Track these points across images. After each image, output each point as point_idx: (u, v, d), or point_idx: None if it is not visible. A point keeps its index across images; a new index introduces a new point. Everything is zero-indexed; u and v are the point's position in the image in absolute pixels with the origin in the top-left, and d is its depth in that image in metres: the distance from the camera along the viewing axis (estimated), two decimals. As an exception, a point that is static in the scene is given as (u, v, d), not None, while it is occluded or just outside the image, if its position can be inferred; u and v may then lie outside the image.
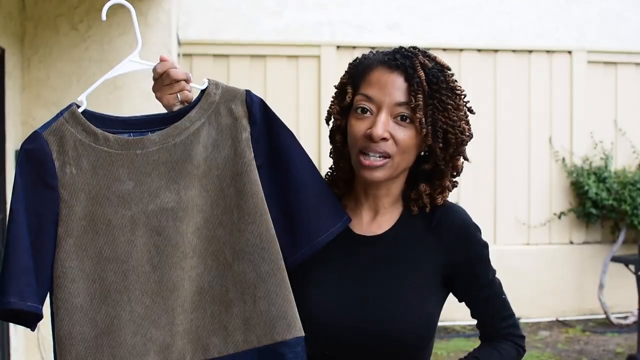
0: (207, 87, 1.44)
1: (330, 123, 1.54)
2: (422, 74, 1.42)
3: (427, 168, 1.49)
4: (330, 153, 1.57)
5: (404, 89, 1.42)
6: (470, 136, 1.49)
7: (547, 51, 6.49)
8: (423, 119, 1.42)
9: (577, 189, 6.36)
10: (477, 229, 1.52)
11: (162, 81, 1.44)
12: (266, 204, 1.41)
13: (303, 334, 1.39)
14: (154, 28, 4.31)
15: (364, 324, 1.42)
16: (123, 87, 4.18)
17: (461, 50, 6.38)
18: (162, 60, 1.44)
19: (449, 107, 1.44)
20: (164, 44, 4.33)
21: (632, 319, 6.11)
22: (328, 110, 1.54)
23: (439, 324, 1.54)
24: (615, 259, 6.05)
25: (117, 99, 4.22)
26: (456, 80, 1.49)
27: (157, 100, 1.48)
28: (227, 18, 6.12)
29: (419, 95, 1.41)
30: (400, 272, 1.46)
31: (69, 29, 4.31)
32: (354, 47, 6.12)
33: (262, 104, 1.45)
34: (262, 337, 1.39)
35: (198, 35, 6.05)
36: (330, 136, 1.55)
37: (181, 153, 1.40)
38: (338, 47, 6.18)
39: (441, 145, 1.45)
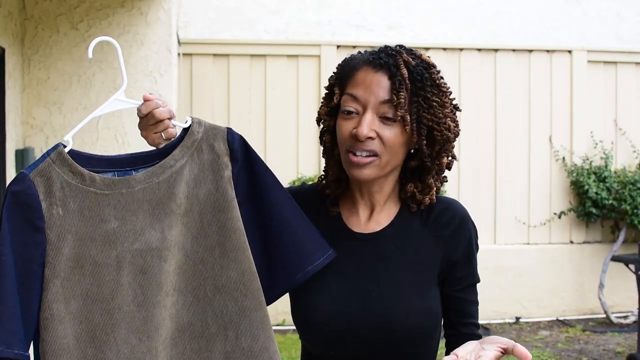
0: (190, 126, 1.45)
1: (321, 124, 1.56)
2: (405, 71, 1.42)
3: (413, 165, 1.50)
4: (323, 154, 1.59)
5: (387, 87, 1.42)
6: (456, 133, 1.49)
7: (547, 51, 6.49)
8: (407, 116, 1.42)
9: (577, 188, 6.36)
10: (474, 226, 1.53)
11: (147, 121, 1.44)
12: (247, 242, 1.42)
13: None
14: (154, 27, 4.30)
15: (367, 318, 1.43)
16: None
17: (461, 50, 6.38)
18: (145, 100, 1.43)
19: (434, 104, 1.44)
20: (164, 43, 4.32)
21: (632, 319, 6.11)
22: (318, 112, 1.55)
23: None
24: (615, 259, 6.04)
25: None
26: (442, 78, 1.49)
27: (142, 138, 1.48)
28: (227, 17, 6.12)
29: (401, 93, 1.41)
30: (400, 267, 1.47)
31: (69, 29, 4.31)
32: (354, 47, 6.11)
33: (243, 141, 1.47)
34: None
35: (198, 35, 6.05)
36: (320, 137, 1.56)
37: (165, 191, 1.40)
38: (338, 46, 6.18)
39: (426, 142, 1.45)
